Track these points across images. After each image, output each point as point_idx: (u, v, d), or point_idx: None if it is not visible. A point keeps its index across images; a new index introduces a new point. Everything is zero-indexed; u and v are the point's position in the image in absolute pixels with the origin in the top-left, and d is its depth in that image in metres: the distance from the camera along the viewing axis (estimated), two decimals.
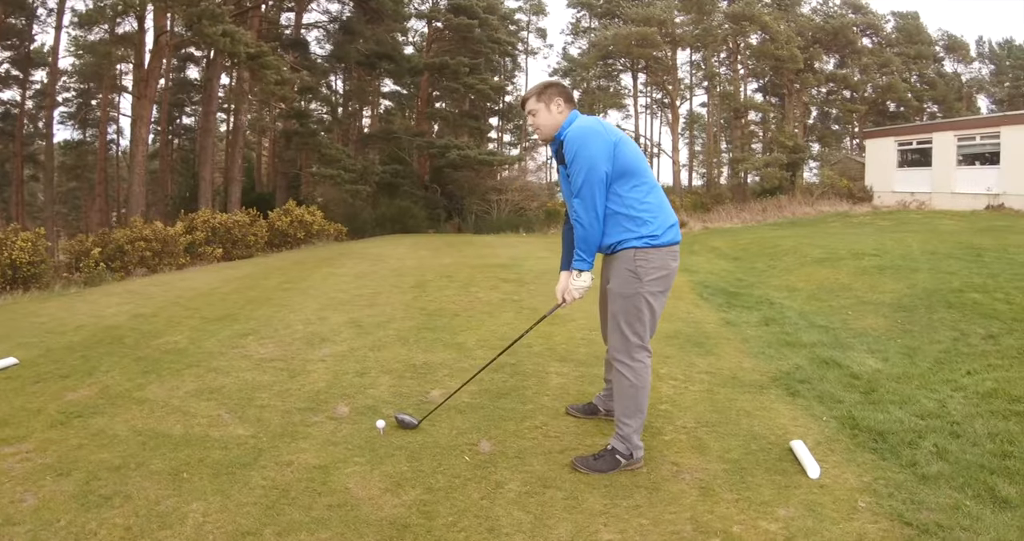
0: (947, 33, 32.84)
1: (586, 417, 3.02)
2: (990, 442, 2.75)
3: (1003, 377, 3.63)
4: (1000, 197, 15.33)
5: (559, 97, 2.56)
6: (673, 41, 26.95)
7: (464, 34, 23.38)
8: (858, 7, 28.86)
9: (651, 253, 2.45)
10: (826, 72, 29.14)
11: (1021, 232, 10.47)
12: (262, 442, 2.64)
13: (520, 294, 5.93)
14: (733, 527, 2.08)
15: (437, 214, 20.98)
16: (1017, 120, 16.01)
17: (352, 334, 4.43)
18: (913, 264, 7.74)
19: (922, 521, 2.12)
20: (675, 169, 29.66)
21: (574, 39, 33.33)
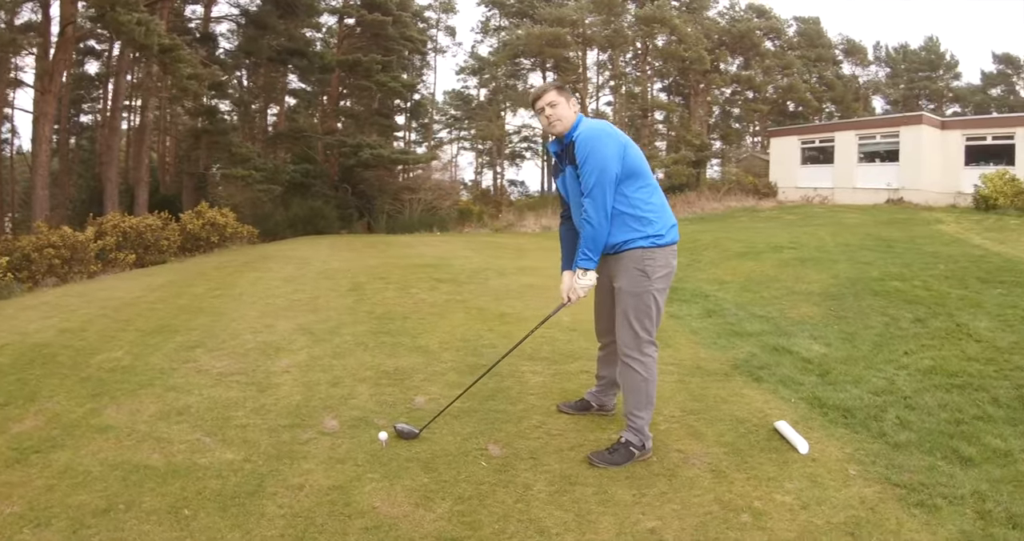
0: (846, 37, 36.98)
1: (580, 413, 3.16)
2: (942, 412, 3.21)
3: (938, 356, 4.21)
4: (899, 192, 17.38)
5: (572, 98, 2.70)
6: (584, 41, 28.14)
7: (377, 31, 23.29)
8: (762, 12, 31.62)
9: (657, 252, 2.64)
10: (731, 73, 31.56)
11: (922, 224, 11.94)
12: (259, 466, 2.51)
13: (462, 294, 6.04)
14: (754, 503, 2.31)
15: (349, 214, 20.82)
16: (915, 121, 18.26)
17: (307, 342, 4.35)
18: (831, 256, 8.65)
19: (907, 481, 2.47)
20: None
21: (484, 38, 33.99)
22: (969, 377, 3.71)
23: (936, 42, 36.41)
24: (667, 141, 32.45)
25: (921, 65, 36.02)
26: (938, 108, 34.40)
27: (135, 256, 10.61)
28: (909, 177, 17.48)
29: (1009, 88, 35.26)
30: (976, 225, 11.47)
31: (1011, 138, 16.40)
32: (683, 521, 2.17)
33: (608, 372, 3.10)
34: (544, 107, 2.68)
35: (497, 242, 12.70)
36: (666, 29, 26.49)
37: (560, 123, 2.68)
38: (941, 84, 35.81)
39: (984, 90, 35.46)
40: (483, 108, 32.75)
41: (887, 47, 37.88)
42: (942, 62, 35.99)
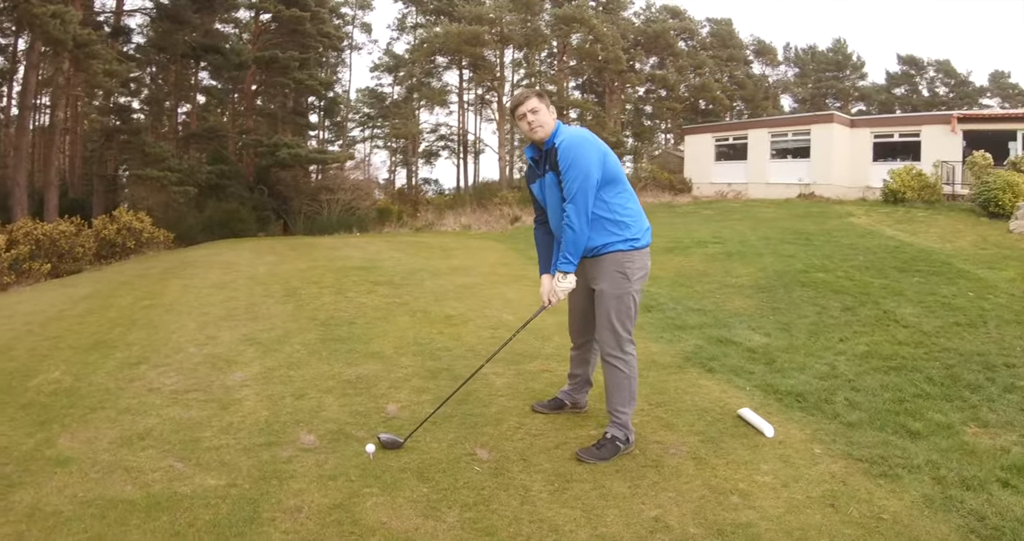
0: (757, 38, 39.66)
1: (554, 412, 3.31)
2: (885, 392, 3.62)
3: (871, 341, 4.69)
4: (811, 186, 18.79)
5: (550, 104, 2.84)
6: (502, 40, 28.65)
7: (294, 27, 22.82)
8: (677, 13, 33.34)
9: (634, 255, 2.83)
10: (645, 72, 33.07)
11: (835, 217, 12.98)
12: (247, 490, 2.45)
13: (402, 297, 6.11)
14: (738, 485, 2.55)
15: (266, 216, 20.30)
16: (826, 120, 19.82)
17: (256, 353, 4.27)
18: (755, 250, 9.32)
19: (867, 456, 2.80)
20: (501, 165, 31.53)
21: (400, 35, 33.95)
22: (903, 360, 4.19)
23: (843, 44, 39.69)
24: None
25: (829, 65, 39.14)
26: (844, 106, 37.55)
27: (50, 266, 9.98)
28: (820, 172, 18.97)
29: (912, 88, 39.03)
30: (886, 217, 12.61)
31: (917, 135, 18.20)
32: (681, 507, 2.36)
33: (582, 371, 3.27)
34: (526, 113, 2.79)
35: (421, 242, 12.72)
36: (585, 29, 27.40)
37: (542, 129, 2.80)
38: (848, 83, 39.11)
39: (888, 89, 39.06)
40: (398, 106, 32.66)
41: (796, 48, 41.03)
42: (849, 63, 39.29)
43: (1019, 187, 11.60)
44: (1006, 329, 4.63)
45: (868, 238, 10.14)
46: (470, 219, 19.23)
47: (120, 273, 8.75)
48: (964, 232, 9.94)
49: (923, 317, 5.11)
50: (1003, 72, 37.58)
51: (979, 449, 2.75)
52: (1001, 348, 4.22)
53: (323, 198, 19.74)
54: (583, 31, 27.76)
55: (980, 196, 12.10)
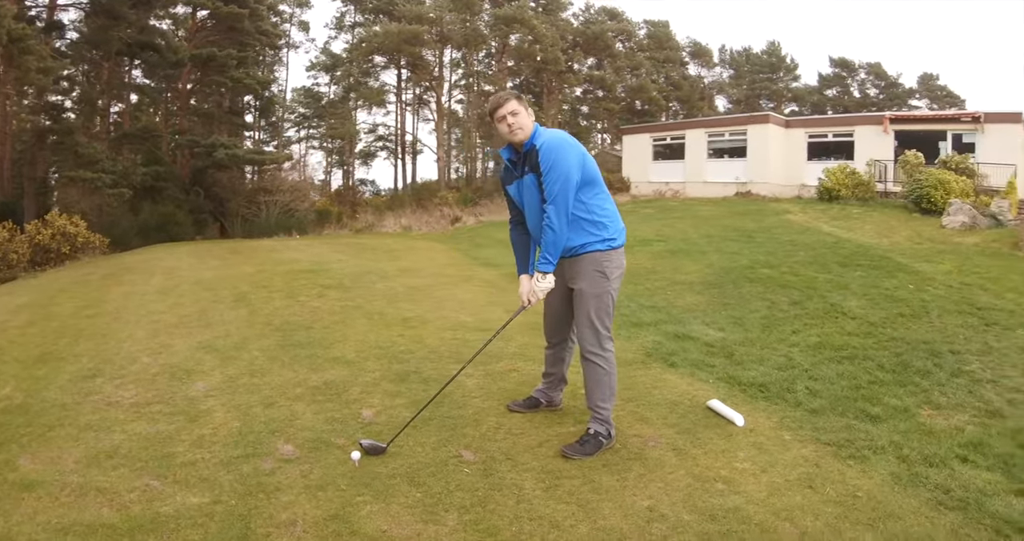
0: (694, 40, 40.95)
1: (531, 411, 3.37)
2: (841, 380, 3.89)
3: (822, 333, 4.99)
4: (747, 185, 19.66)
5: (527, 104, 2.90)
6: (441, 40, 28.74)
7: (232, 24, 22.12)
8: (615, 15, 34.18)
9: (612, 254, 2.94)
10: (584, 73, 33.75)
11: (773, 214, 13.62)
12: (233, 506, 2.38)
13: (354, 300, 6.10)
14: (720, 472, 2.69)
15: (203, 219, 19.73)
16: (762, 120, 20.79)
17: (215, 361, 4.16)
18: (699, 247, 9.72)
19: (834, 440, 3.01)
20: (440, 165, 31.64)
21: (338, 34, 33.51)
22: (854, 349, 4.49)
23: (778, 46, 41.64)
24: None
25: (763, 67, 40.98)
26: (777, 107, 39.39)
27: None
28: (756, 171, 19.89)
29: (844, 89, 41.32)
30: (822, 214, 13.34)
31: (850, 135, 19.37)
32: (670, 496, 2.48)
33: (557, 369, 3.35)
34: (506, 116, 2.84)
35: (363, 244, 12.65)
36: (525, 29, 27.77)
37: (522, 131, 2.85)
38: (781, 85, 41.06)
39: (821, 91, 41.24)
40: (334, 106, 32.25)
41: (732, 50, 42.68)
42: (783, 64, 41.24)
43: (950, 185, 12.54)
44: (948, 318, 5.04)
45: (807, 234, 10.72)
46: (410, 220, 19.18)
47: (57, 280, 8.36)
48: (899, 228, 10.67)
49: (869, 309, 5.48)
50: (932, 74, 40.06)
51: (936, 429, 3.01)
52: (945, 336, 4.60)
53: (261, 200, 19.33)
54: (523, 32, 28.13)
55: (913, 193, 13.00)
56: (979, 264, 7.40)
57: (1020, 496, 2.37)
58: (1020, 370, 3.88)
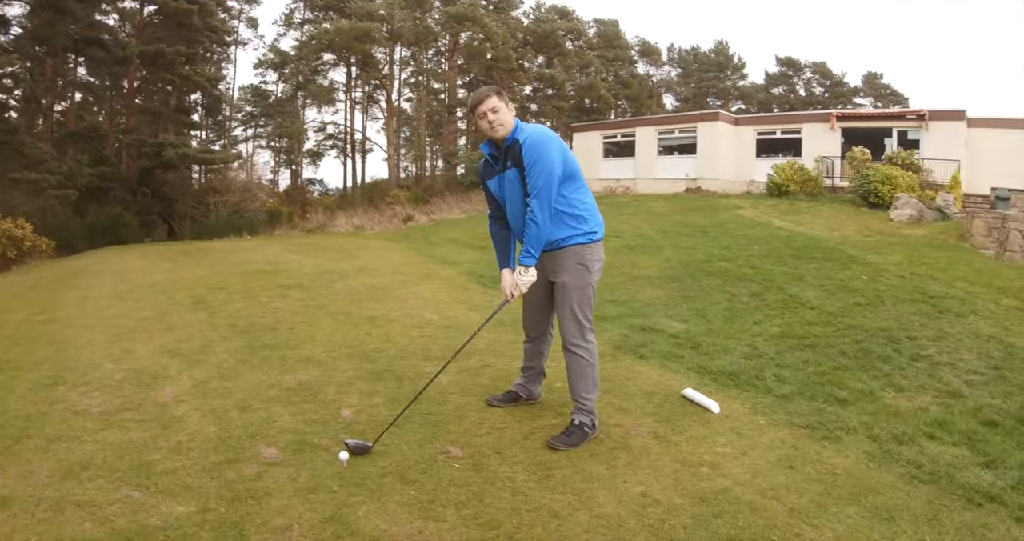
0: (643, 39, 41.61)
1: (510, 405, 3.41)
2: (807, 367, 4.07)
3: (783, 322, 5.21)
4: (697, 181, 20.19)
5: (508, 101, 2.92)
6: (392, 37, 28.57)
7: (181, 20, 21.33)
8: (565, 13, 34.55)
9: (593, 247, 3.00)
10: (534, 72, 34.05)
11: (724, 210, 14.02)
12: (224, 514, 2.31)
13: (316, 300, 6.06)
14: (704, 457, 2.80)
15: (151, 221, 19.13)
16: (712, 118, 21.37)
17: (181, 365, 4.04)
18: (655, 243, 9.97)
19: (807, 423, 3.17)
20: (391, 163, 31.47)
21: (287, 31, 32.93)
22: (815, 338, 4.71)
23: (726, 45, 42.82)
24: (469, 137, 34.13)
25: (711, 66, 42.09)
26: (725, 105, 40.54)
27: None
28: (706, 168, 20.48)
29: (790, 88, 42.79)
30: (772, 209, 13.81)
31: (798, 133, 20.14)
32: (660, 481, 2.56)
33: (536, 363, 3.40)
34: (486, 112, 2.86)
35: (317, 244, 12.49)
36: (476, 27, 27.87)
37: (502, 128, 2.88)
38: (728, 83, 42.28)
39: (767, 89, 42.62)
40: (282, 104, 31.61)
41: (680, 49, 43.62)
42: (730, 63, 42.46)
43: (897, 180, 13.19)
44: (902, 307, 5.34)
45: (759, 229, 11.11)
46: (362, 220, 19.00)
47: (6, 286, 7.96)
48: (848, 222, 11.18)
49: (826, 299, 5.75)
50: (876, 73, 41.66)
51: (901, 410, 3.21)
52: (900, 323, 4.87)
53: (210, 200, 18.81)
54: (475, 30, 28.23)
55: (861, 188, 13.61)
56: (928, 255, 7.85)
57: (987, 468, 2.57)
58: (974, 353, 4.16)
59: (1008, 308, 5.49)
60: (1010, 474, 2.56)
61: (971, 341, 4.44)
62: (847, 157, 16.99)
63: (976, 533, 2.17)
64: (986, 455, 2.70)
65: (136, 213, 18.74)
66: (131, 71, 22.11)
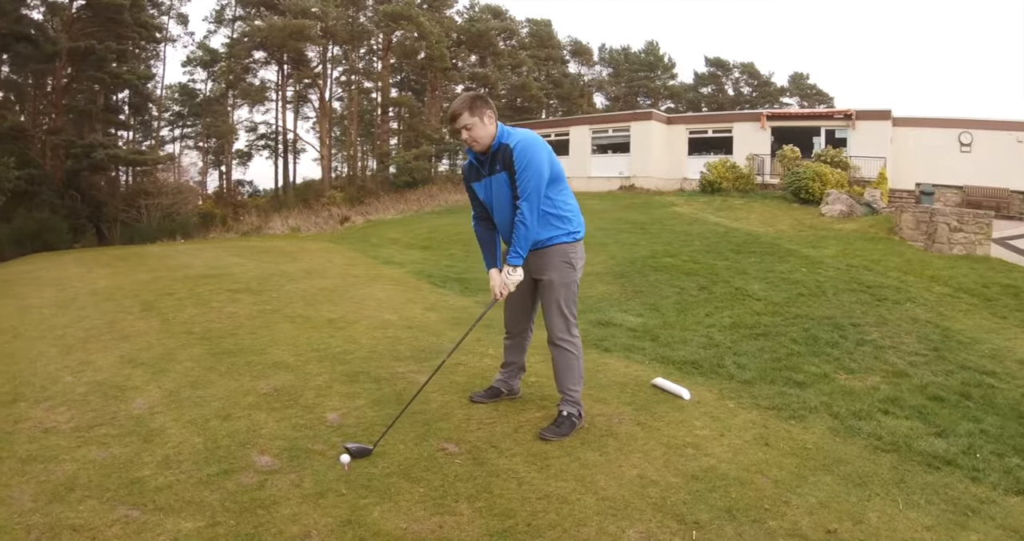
0: (575, 39, 42.41)
1: (493, 400, 3.53)
2: (763, 354, 4.40)
3: (733, 314, 5.55)
4: (631, 179, 20.87)
5: (488, 109, 2.99)
6: (327, 35, 28.12)
7: (112, 15, 20.25)
8: (499, 13, 34.85)
9: (576, 246, 3.18)
10: (467, 71, 34.21)
11: (659, 207, 14.57)
12: (234, 526, 2.27)
13: (270, 303, 5.99)
14: (686, 440, 3.03)
15: (80, 225, 18.18)
16: (645, 117, 22.13)
17: (146, 375, 3.90)
18: (597, 240, 10.29)
19: (772, 405, 3.46)
20: (324, 164, 30.98)
21: (217, 28, 31.75)
22: (766, 327, 5.07)
23: (656, 46, 44.28)
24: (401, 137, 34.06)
25: (641, 66, 43.43)
26: (654, 104, 41.98)
27: None
28: (640, 166, 21.23)
29: (719, 87, 44.60)
30: (706, 206, 14.46)
31: (729, 132, 21.16)
32: (652, 463, 2.76)
33: (517, 358, 3.54)
34: (460, 130, 2.99)
35: (256, 247, 12.21)
36: (412, 26, 27.81)
37: (477, 144, 2.99)
38: (659, 83, 43.70)
39: (696, 89, 44.28)
40: (211, 104, 30.48)
41: (611, 49, 44.74)
42: (661, 63, 43.90)
43: (827, 177, 14.09)
44: (843, 296, 5.81)
45: (697, 225, 11.65)
46: (298, 221, 18.67)
47: None
48: (781, 217, 11.88)
49: (770, 291, 6.17)
50: (802, 74, 44.23)
51: (855, 390, 3.55)
52: (843, 312, 5.31)
53: (141, 203, 17.96)
54: (409, 28, 28.15)
55: (792, 185, 14.46)
56: (861, 248, 8.50)
57: (939, 437, 2.93)
58: (914, 337, 4.63)
59: (940, 295, 6.09)
60: (960, 441, 2.94)
61: (910, 326, 4.92)
62: (778, 155, 17.98)
63: (940, 492, 2.50)
64: (937, 426, 3.06)
65: (65, 217, 17.78)
66: (58, 68, 20.86)
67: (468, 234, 12.48)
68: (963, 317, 5.49)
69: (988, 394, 3.67)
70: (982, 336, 4.93)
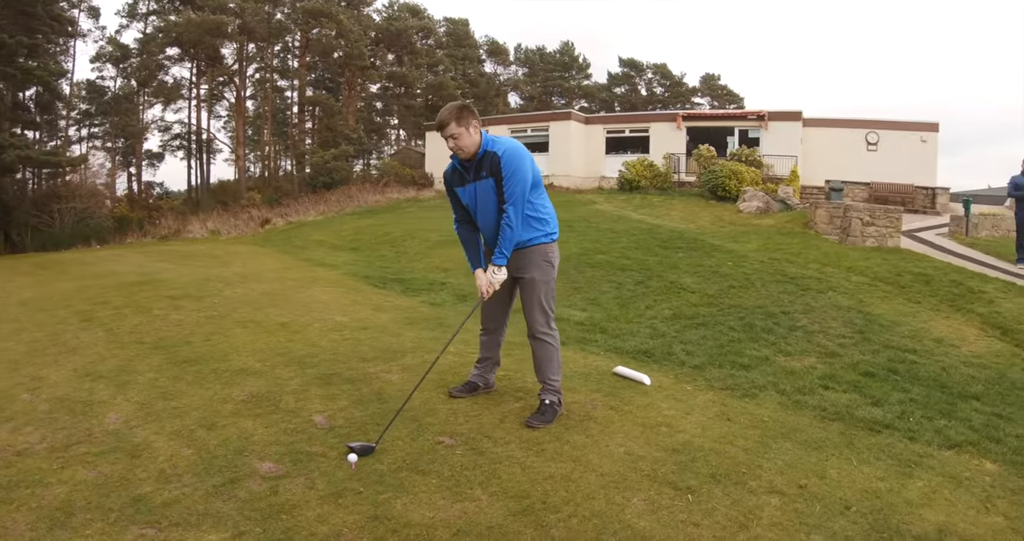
0: (491, 39, 42.65)
1: (471, 395, 3.69)
2: (707, 341, 4.83)
3: (672, 306, 5.99)
4: (550, 178, 21.43)
5: (473, 119, 3.17)
6: (244, 31, 27.07)
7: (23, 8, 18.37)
8: (417, 11, 34.60)
9: (554, 246, 3.42)
10: (386, 70, 33.87)
11: (581, 205, 15.09)
12: (263, 534, 2.28)
13: (216, 309, 5.90)
14: (658, 419, 3.34)
15: None
16: (564, 117, 22.76)
17: (110, 389, 3.72)
18: None
19: (725, 386, 3.86)
20: (240, 164, 29.92)
21: (130, 22, 29.66)
22: (704, 318, 5.52)
23: (571, 46, 45.25)
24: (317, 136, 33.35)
25: (556, 66, 44.36)
26: (569, 103, 42.96)
27: None
28: (559, 165, 21.86)
29: (632, 87, 46.04)
30: (627, 204, 15.12)
31: (646, 131, 22.07)
32: (635, 441, 3.04)
33: (493, 353, 3.73)
34: (447, 138, 3.17)
35: (180, 251, 11.71)
36: (332, 24, 27.24)
37: (462, 152, 3.19)
38: (573, 83, 44.74)
39: (610, 88, 45.57)
40: (120, 102, 28.54)
41: (527, 49, 45.42)
42: (575, 64, 44.94)
43: (742, 175, 15.05)
44: (770, 287, 6.39)
45: (621, 222, 12.21)
46: (217, 223, 17.95)
47: None
48: (701, 214, 12.64)
49: (703, 284, 6.68)
50: (714, 74, 46.38)
51: (795, 370, 4.02)
52: (773, 301, 5.87)
53: (53, 207, 16.55)
54: (329, 26, 27.55)
55: (709, 183, 15.34)
56: (780, 242, 9.24)
57: (875, 406, 3.43)
58: (839, 322, 5.22)
59: (859, 284, 6.80)
60: (894, 409, 3.46)
61: (835, 312, 5.53)
62: (694, 154, 19.00)
63: (885, 450, 2.97)
64: (872, 397, 3.56)
65: None
66: None
67: (396, 235, 12.52)
68: (881, 303, 6.19)
69: (912, 369, 4.28)
70: (900, 319, 5.63)
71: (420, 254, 10.49)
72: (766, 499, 2.50)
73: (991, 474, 2.88)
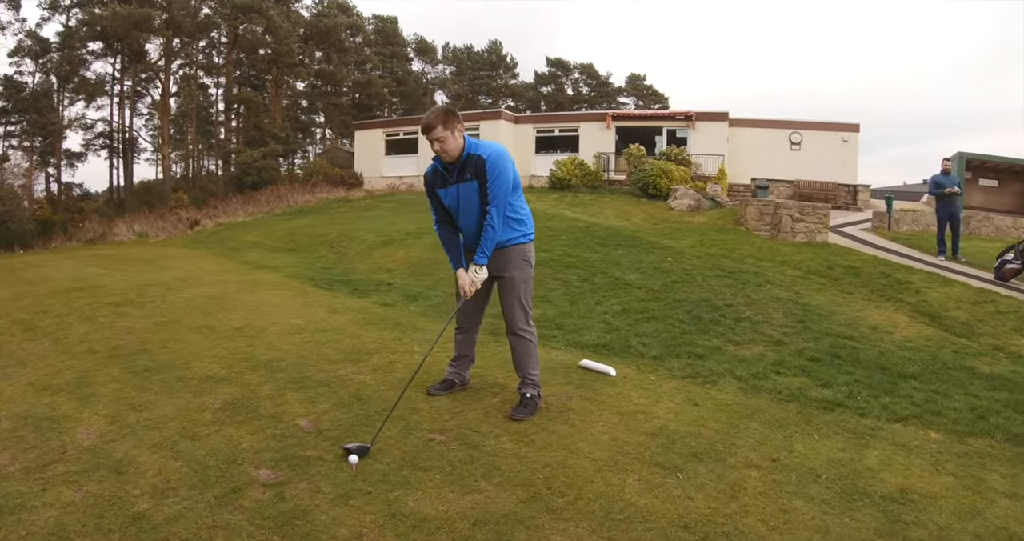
0: (420, 37, 41.99)
1: (449, 392, 3.77)
2: (661, 334, 5.11)
3: (620, 301, 6.26)
4: None
5: (458, 123, 3.24)
6: (171, 26, 25.65)
7: None
8: (346, 9, 33.73)
9: (531, 246, 3.56)
10: (314, 68, 32.95)
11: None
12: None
13: (163, 315, 5.71)
14: (631, 407, 3.55)
15: None
16: (494, 116, 22.94)
17: (72, 403, 3.48)
18: None
19: (686, 374, 4.13)
20: (165, 164, 28.47)
21: (52, 15, 27.27)
22: (653, 312, 5.82)
23: (499, 45, 45.32)
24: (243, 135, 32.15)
25: (484, 65, 44.38)
26: (495, 102, 43.07)
27: None
28: None
29: (559, 87, 46.50)
30: (559, 202, 15.42)
31: (576, 131, 22.47)
32: (615, 429, 3.22)
33: (468, 351, 3.82)
34: (432, 141, 3.23)
35: (110, 255, 11.01)
36: (261, 20, 26.25)
37: (447, 155, 3.26)
38: (500, 82, 44.87)
39: (536, 88, 45.93)
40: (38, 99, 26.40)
41: (454, 47, 45.14)
42: (503, 63, 45.03)
43: (672, 173, 15.57)
44: (711, 281, 6.78)
45: (557, 221, 12.50)
46: (144, 226, 17.02)
47: None
48: (633, 212, 13.08)
49: (647, 279, 7.01)
50: (639, 75, 47.13)
51: (747, 358, 4.34)
52: (716, 294, 6.24)
53: None
54: (259, 22, 26.50)
55: (640, 181, 15.80)
56: (714, 238, 9.72)
57: (825, 387, 3.80)
58: (780, 313, 5.64)
59: (793, 277, 7.31)
60: (842, 389, 3.85)
61: (775, 304, 5.96)
62: (624, 153, 19.53)
63: (840, 425, 3.32)
64: (821, 380, 3.94)
65: None
66: None
67: (332, 236, 12.29)
68: (816, 294, 6.70)
69: (853, 353, 4.72)
70: (836, 309, 6.13)
71: (361, 255, 10.36)
72: (746, 473, 2.76)
73: (936, 442, 3.27)
